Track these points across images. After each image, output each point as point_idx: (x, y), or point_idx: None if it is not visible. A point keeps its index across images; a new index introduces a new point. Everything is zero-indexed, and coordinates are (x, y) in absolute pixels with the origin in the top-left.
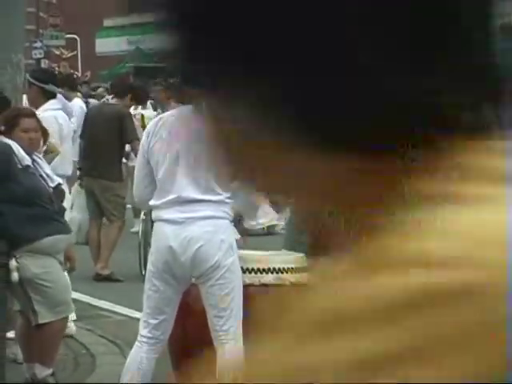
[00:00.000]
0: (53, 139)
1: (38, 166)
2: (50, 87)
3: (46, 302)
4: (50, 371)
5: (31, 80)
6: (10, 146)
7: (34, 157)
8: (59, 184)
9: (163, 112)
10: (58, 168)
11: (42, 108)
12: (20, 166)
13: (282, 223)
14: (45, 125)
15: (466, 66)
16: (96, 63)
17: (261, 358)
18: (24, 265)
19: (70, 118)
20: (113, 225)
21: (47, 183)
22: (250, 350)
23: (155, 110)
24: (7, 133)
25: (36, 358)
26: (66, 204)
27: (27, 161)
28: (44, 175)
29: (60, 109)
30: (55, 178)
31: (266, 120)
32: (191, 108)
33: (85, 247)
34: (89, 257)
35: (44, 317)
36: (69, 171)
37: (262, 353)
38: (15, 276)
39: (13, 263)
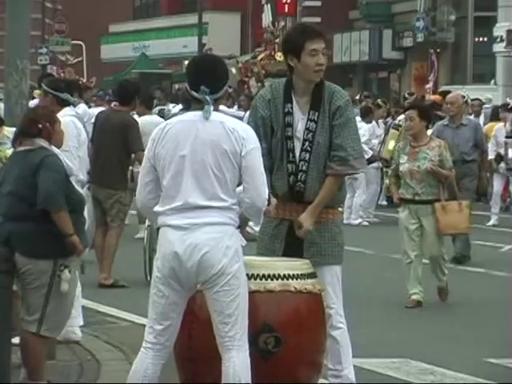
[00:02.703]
0: None
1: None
2: (65, 96)
3: (56, 316)
4: (44, 382)
5: (47, 89)
6: (59, 157)
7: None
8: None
9: None
10: (79, 174)
11: (58, 115)
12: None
13: None
14: (64, 129)
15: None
16: (101, 69)
17: None
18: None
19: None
20: (110, 232)
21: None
22: None
23: None
24: (52, 130)
25: (27, 373)
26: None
27: (69, 169)
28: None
29: (75, 116)
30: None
31: None
32: (198, 114)
33: (90, 252)
34: (94, 263)
35: (49, 332)
36: (86, 177)
37: None
38: (66, 287)
39: (66, 274)
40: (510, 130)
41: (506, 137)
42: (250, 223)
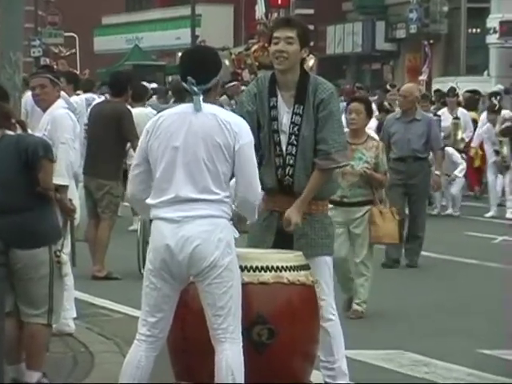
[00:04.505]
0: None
1: None
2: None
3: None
4: (40, 374)
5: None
6: None
7: None
8: None
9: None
10: (74, 165)
11: (53, 106)
12: None
13: None
14: (61, 121)
15: None
16: (94, 61)
17: None
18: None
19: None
20: (102, 224)
21: None
22: None
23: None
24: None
25: (26, 362)
26: (76, 202)
27: None
28: None
29: (68, 108)
30: None
31: None
32: (191, 106)
33: (83, 244)
34: (87, 255)
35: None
36: (80, 169)
37: None
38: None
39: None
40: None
41: (502, 135)
42: None
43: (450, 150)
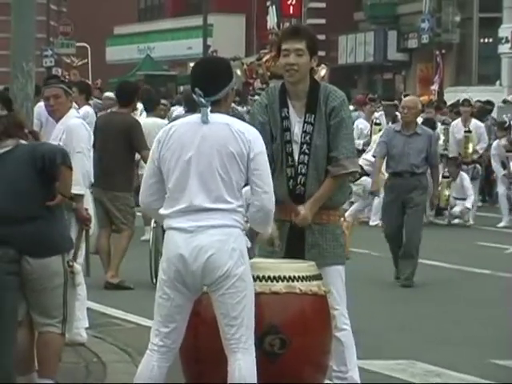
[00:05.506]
0: None
1: None
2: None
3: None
4: (53, 381)
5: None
6: None
7: None
8: None
9: None
10: (90, 174)
11: (68, 115)
12: None
13: None
14: (76, 131)
15: None
16: (106, 71)
17: None
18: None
19: None
20: (122, 234)
21: None
22: None
23: None
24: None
25: (38, 370)
26: (91, 211)
27: None
28: None
29: (81, 117)
30: None
31: None
32: (200, 117)
33: (94, 256)
34: (99, 265)
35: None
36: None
37: None
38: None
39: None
40: (508, 143)
41: (507, 151)
42: None
43: (464, 175)
